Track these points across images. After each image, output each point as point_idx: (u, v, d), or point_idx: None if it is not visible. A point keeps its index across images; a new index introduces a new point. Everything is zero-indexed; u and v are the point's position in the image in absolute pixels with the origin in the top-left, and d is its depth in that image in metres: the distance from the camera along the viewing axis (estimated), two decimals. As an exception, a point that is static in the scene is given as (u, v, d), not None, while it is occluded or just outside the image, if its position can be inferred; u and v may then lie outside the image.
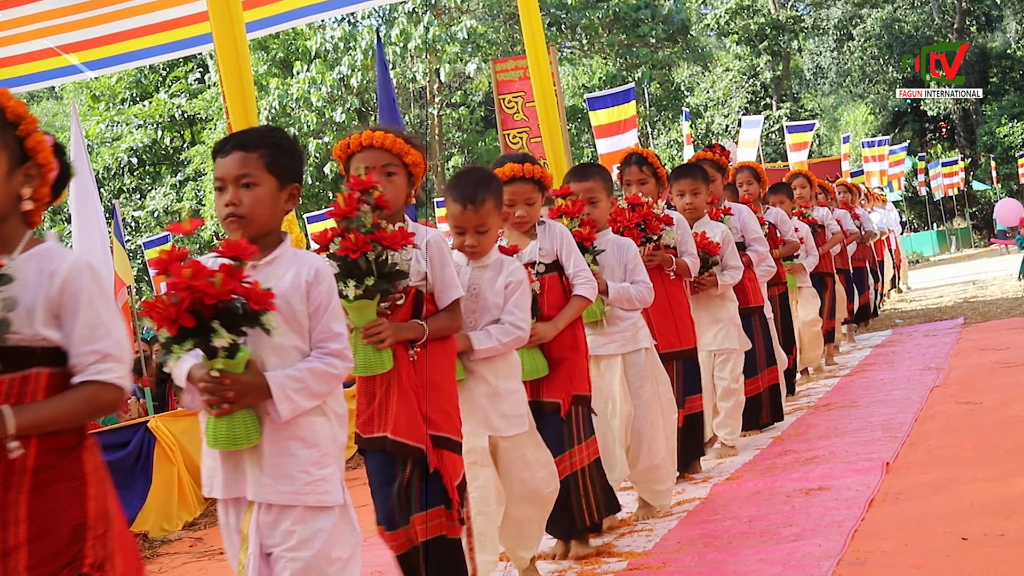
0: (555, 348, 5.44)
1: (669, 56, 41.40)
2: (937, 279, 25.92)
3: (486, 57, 31.99)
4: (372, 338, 4.22)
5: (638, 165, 7.16)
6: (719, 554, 5.17)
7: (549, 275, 5.53)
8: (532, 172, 5.42)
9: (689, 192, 7.84)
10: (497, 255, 5.03)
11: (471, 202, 4.85)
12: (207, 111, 37.48)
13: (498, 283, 4.93)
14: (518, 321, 4.89)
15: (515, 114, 15.14)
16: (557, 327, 5.42)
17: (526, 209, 5.49)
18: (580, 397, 5.49)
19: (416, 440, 4.34)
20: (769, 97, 53.42)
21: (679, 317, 6.99)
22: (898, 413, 8.15)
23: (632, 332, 6.18)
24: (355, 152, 4.55)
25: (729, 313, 7.85)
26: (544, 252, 5.54)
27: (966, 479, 5.76)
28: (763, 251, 8.75)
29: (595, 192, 6.21)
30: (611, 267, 6.16)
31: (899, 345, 13.07)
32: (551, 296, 5.49)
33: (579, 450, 5.45)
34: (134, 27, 9.71)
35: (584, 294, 5.52)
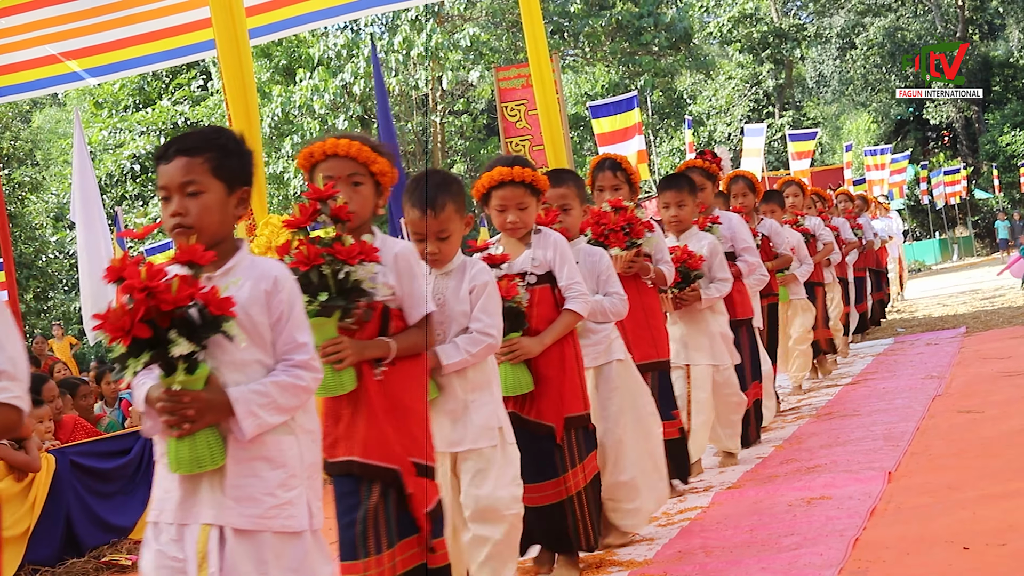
0: (542, 364, 5.22)
1: (672, 64, 41.38)
2: (939, 288, 25.91)
3: (489, 65, 31.98)
4: (330, 357, 4.00)
5: (612, 170, 6.88)
6: (720, 563, 5.16)
7: (541, 287, 5.31)
8: (523, 175, 5.23)
9: (675, 204, 7.66)
10: (460, 259, 4.77)
11: (430, 207, 4.63)
12: (210, 118, 37.48)
13: (462, 290, 4.68)
14: (486, 328, 4.63)
15: (518, 122, 15.13)
16: (544, 342, 5.20)
17: (518, 214, 5.29)
18: (575, 419, 5.27)
19: (388, 461, 4.12)
20: (772, 105, 53.42)
21: (655, 327, 6.76)
22: (900, 422, 8.14)
23: (605, 344, 5.96)
24: (319, 161, 4.33)
25: (720, 326, 7.67)
26: (537, 262, 5.33)
27: (968, 488, 5.75)
28: (754, 261, 8.54)
29: (568, 199, 5.98)
30: (584, 278, 5.71)
31: (901, 354, 13.06)
32: (541, 309, 5.26)
33: (575, 473, 5.24)
34: (137, 34, 9.73)
35: (576, 309, 5.32)
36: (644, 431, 5.99)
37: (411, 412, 4.24)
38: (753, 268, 8.52)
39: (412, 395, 4.28)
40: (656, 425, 6.13)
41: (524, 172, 5.24)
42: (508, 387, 5.09)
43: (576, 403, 5.28)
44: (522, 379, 5.18)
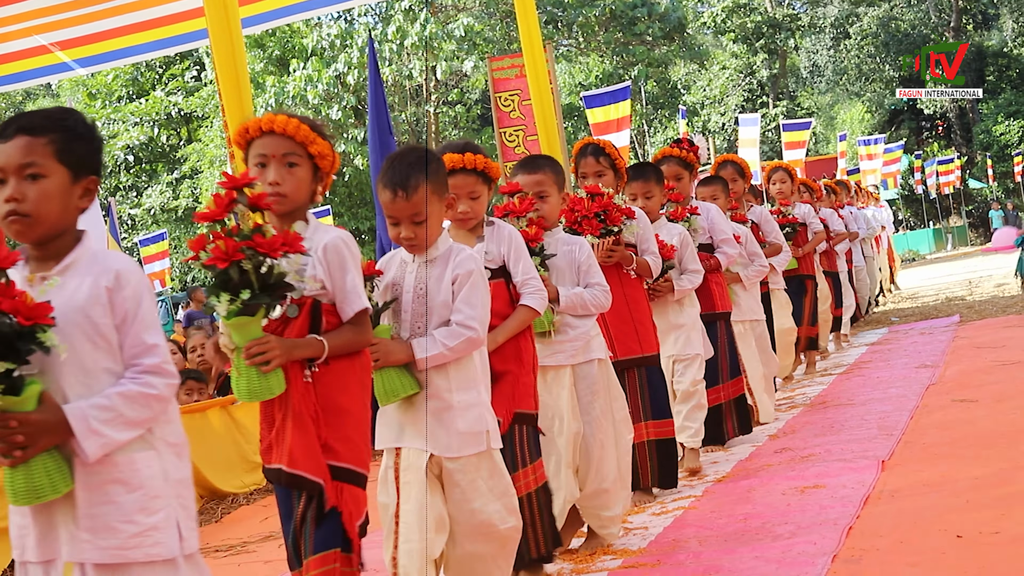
0: (496, 360, 4.80)
1: (666, 54, 41.36)
2: (933, 277, 25.93)
3: (483, 55, 31.99)
4: (256, 359, 3.72)
5: (595, 156, 6.63)
6: (714, 552, 5.17)
7: (494, 281, 4.87)
8: (474, 163, 4.86)
9: (641, 195, 7.26)
10: (448, 245, 4.44)
11: (402, 188, 4.26)
12: (203, 109, 37.48)
13: (445, 278, 4.36)
14: (467, 320, 4.29)
15: (511, 112, 15.13)
16: (496, 340, 4.81)
17: (469, 204, 4.91)
18: (524, 415, 4.90)
19: (313, 472, 3.85)
20: (766, 95, 53.48)
21: (639, 321, 6.43)
22: (894, 411, 8.15)
23: (584, 341, 5.57)
24: (254, 138, 4.11)
25: (690, 318, 7.34)
26: (490, 256, 4.95)
27: (961, 477, 5.76)
28: (733, 253, 8.18)
29: (545, 186, 5.64)
30: (562, 270, 5.59)
31: (895, 343, 13.08)
32: (495, 305, 4.78)
33: (525, 474, 4.86)
34: (130, 23, 9.69)
35: (532, 304, 4.94)
36: (616, 438, 5.69)
37: (348, 415, 3.96)
38: (732, 259, 8.20)
39: (349, 397, 3.98)
40: (627, 432, 5.82)
41: (475, 159, 4.89)
42: None
43: (527, 400, 4.94)
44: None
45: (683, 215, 7.77)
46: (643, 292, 6.60)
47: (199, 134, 37.99)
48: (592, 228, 6.22)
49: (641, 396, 6.44)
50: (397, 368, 4.25)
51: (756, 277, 8.79)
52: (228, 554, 7.20)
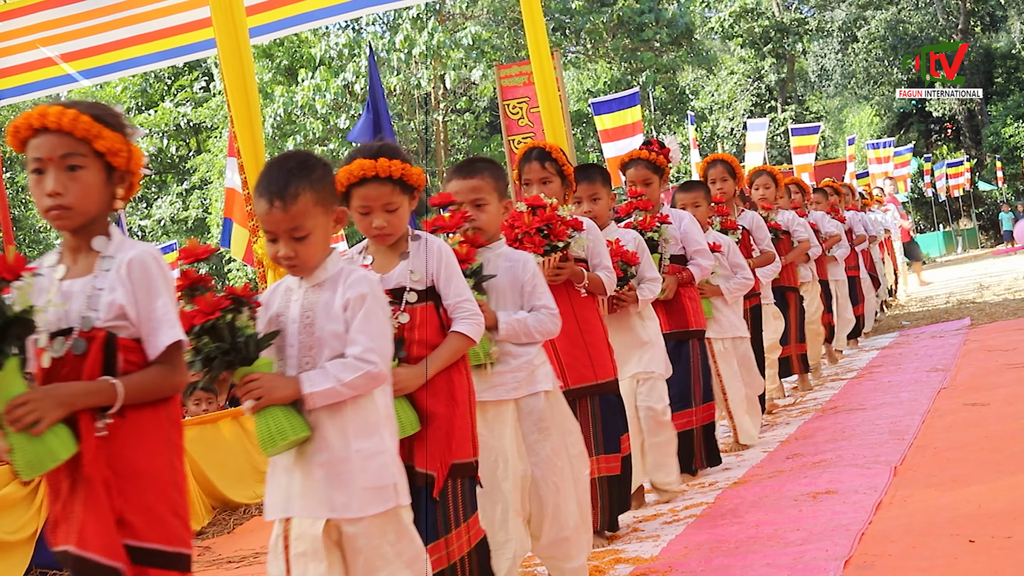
0: (427, 399, 4.22)
1: (674, 60, 41.41)
2: (943, 280, 25.89)
3: (491, 63, 32.02)
4: (18, 424, 3.13)
5: (540, 161, 5.98)
6: (726, 559, 5.16)
7: (422, 306, 4.29)
8: (388, 169, 4.17)
9: (587, 198, 6.60)
10: (337, 266, 3.77)
11: (279, 197, 3.61)
12: (212, 119, 37.55)
13: (335, 304, 3.67)
14: (365, 352, 3.59)
15: (520, 119, 15.15)
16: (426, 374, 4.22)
17: (385, 218, 4.24)
18: (461, 466, 4.28)
19: (109, 555, 3.23)
20: (774, 100, 53.45)
21: (592, 344, 5.80)
22: (905, 415, 8.13)
23: (528, 372, 4.90)
24: (27, 137, 3.42)
25: (651, 334, 6.69)
26: (416, 276, 4.30)
27: (973, 481, 5.74)
28: (706, 265, 7.50)
29: (482, 193, 4.98)
30: (503, 291, 4.92)
31: (906, 347, 13.05)
32: (424, 332, 4.26)
33: (458, 535, 4.24)
34: (136, 34, 9.74)
35: (465, 332, 4.31)
36: (575, 476, 5.11)
37: (149, 479, 3.38)
38: (706, 272, 7.54)
39: (150, 456, 3.40)
40: (584, 467, 5.22)
41: (390, 165, 4.19)
42: None
43: (465, 447, 4.31)
44: (404, 418, 4.14)
45: (652, 224, 7.15)
46: (596, 312, 5.96)
47: (208, 145, 38.09)
48: (535, 246, 5.51)
49: (593, 427, 5.79)
50: (282, 408, 3.55)
51: (739, 290, 8.17)
52: (240, 565, 7.20)
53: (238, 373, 3.56)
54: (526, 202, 5.63)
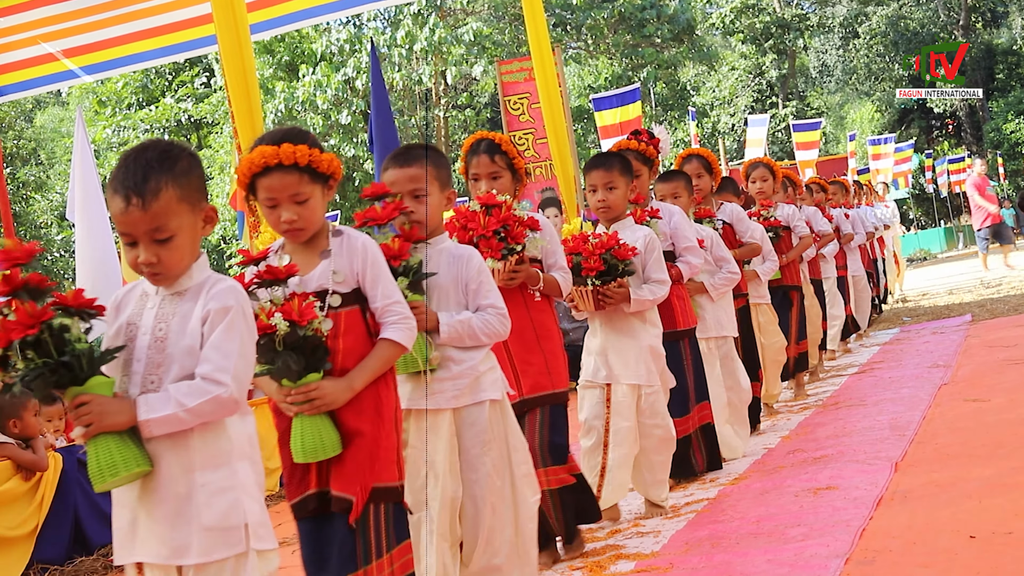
0: (350, 416, 3.79)
1: (675, 56, 41.39)
2: (944, 276, 25.89)
3: (492, 59, 32.03)
4: None
5: (488, 154, 5.52)
6: (727, 555, 5.15)
7: (347, 310, 3.87)
8: (293, 156, 3.77)
9: (603, 186, 6.29)
10: (204, 274, 3.33)
11: (137, 193, 3.15)
12: (213, 115, 37.56)
13: (194, 316, 3.22)
14: (216, 372, 3.14)
15: (521, 115, 15.16)
16: (353, 387, 3.77)
17: (295, 211, 3.83)
18: (384, 491, 3.84)
19: None
20: (775, 96, 53.47)
21: (549, 351, 5.40)
22: (906, 411, 8.12)
23: (471, 378, 4.50)
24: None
25: (651, 340, 6.24)
26: (340, 276, 3.88)
27: (974, 477, 5.74)
28: (696, 263, 7.08)
29: (422, 183, 4.57)
30: (446, 290, 4.56)
31: (907, 343, 13.04)
32: (349, 340, 3.84)
33: (379, 567, 3.81)
34: (137, 30, 9.75)
35: (395, 338, 3.88)
36: (516, 499, 4.63)
37: None
38: (697, 270, 7.13)
39: None
40: (531, 491, 4.71)
41: (296, 151, 3.79)
42: (306, 451, 3.73)
43: (390, 469, 3.87)
44: (326, 438, 3.74)
45: (643, 218, 6.68)
46: (553, 316, 5.55)
47: (209, 140, 38.09)
48: (492, 250, 5.13)
49: (540, 438, 5.35)
50: (116, 436, 3.09)
51: (724, 286, 7.69)
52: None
53: (68, 393, 3.11)
54: (480, 201, 5.25)
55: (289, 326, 3.63)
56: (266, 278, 3.71)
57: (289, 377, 3.72)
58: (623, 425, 6.11)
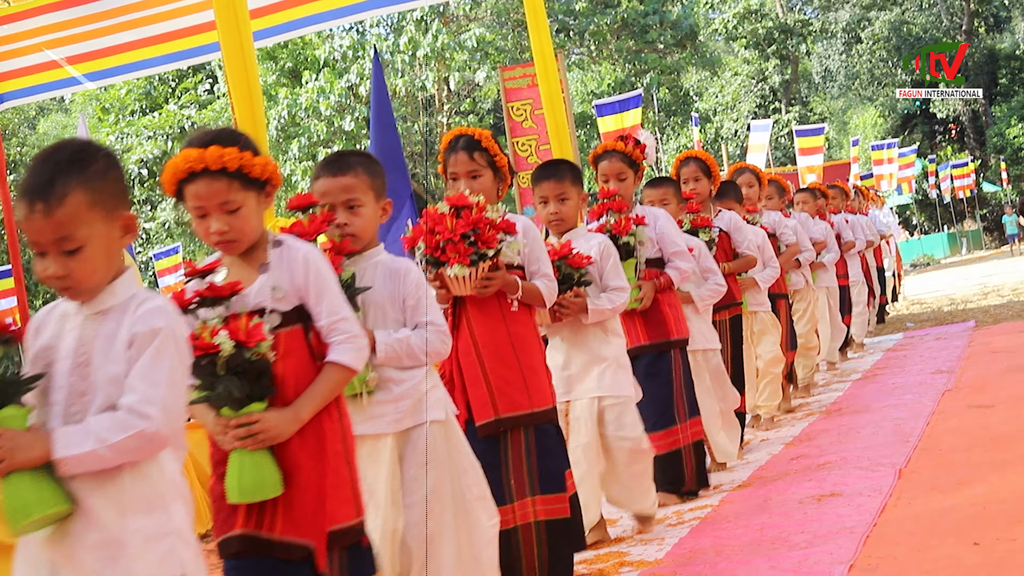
0: (295, 451, 3.42)
1: (678, 61, 41.43)
2: (948, 282, 25.89)
3: (494, 65, 32.04)
4: None
5: (467, 151, 5.15)
6: (730, 562, 5.15)
7: (288, 330, 3.51)
8: (222, 160, 3.42)
9: (554, 198, 5.97)
10: (129, 291, 2.97)
11: (41, 198, 2.83)
12: (216, 122, 37.59)
13: (119, 338, 2.87)
14: (140, 405, 2.78)
15: (524, 121, 15.14)
16: (300, 418, 3.41)
17: (225, 220, 3.48)
18: (342, 533, 3.50)
19: None
20: (778, 101, 53.47)
21: (528, 367, 4.97)
22: (910, 418, 8.12)
23: (413, 400, 4.17)
24: None
25: (614, 350, 5.88)
26: (280, 292, 3.52)
27: (978, 483, 5.73)
28: (686, 268, 6.81)
29: (356, 192, 4.22)
30: (382, 306, 4.20)
31: (910, 349, 13.04)
32: (291, 364, 3.47)
33: None
34: (140, 38, 9.75)
35: (344, 361, 3.52)
36: (468, 524, 4.27)
37: None
38: (686, 276, 6.87)
39: None
40: (486, 515, 4.36)
41: (224, 154, 3.43)
42: (244, 490, 3.35)
43: (345, 508, 3.52)
44: (266, 477, 3.36)
45: (628, 228, 6.47)
46: (533, 329, 5.15)
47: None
48: (460, 255, 4.70)
49: (528, 464, 4.98)
50: (31, 474, 2.74)
51: (711, 298, 7.44)
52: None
53: None
54: (448, 201, 4.80)
55: (235, 347, 3.29)
56: (207, 296, 3.36)
57: (230, 405, 3.33)
58: (580, 443, 5.77)
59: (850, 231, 13.68)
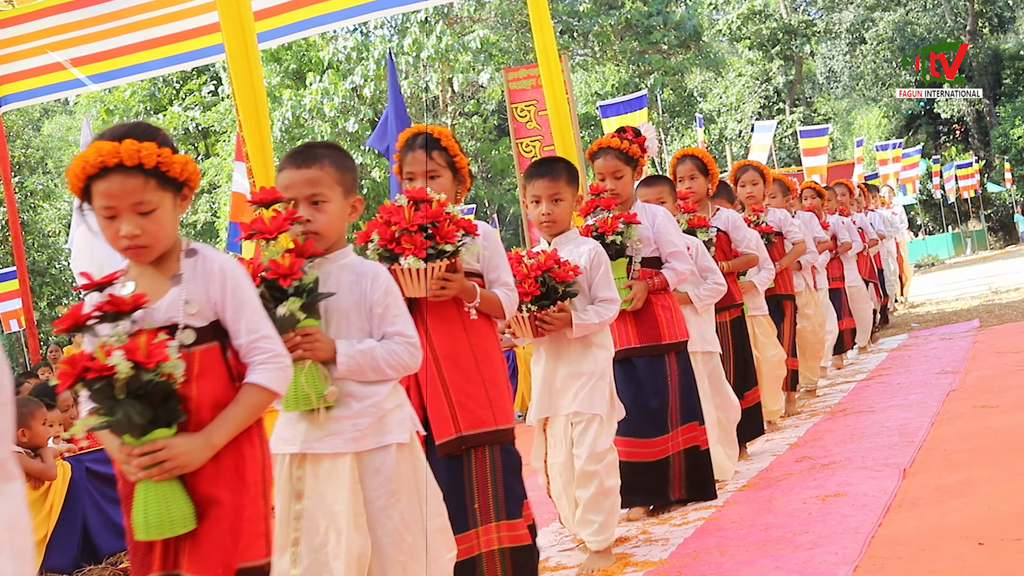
0: (204, 481, 3.17)
1: (682, 62, 41.39)
2: (952, 282, 25.86)
3: (499, 66, 32.04)
4: None
5: (425, 150, 4.84)
6: (735, 563, 5.15)
7: (203, 348, 3.24)
8: (137, 156, 3.13)
9: (547, 198, 5.64)
10: None
11: None
12: (221, 123, 37.62)
13: None
14: None
15: (528, 123, 15.13)
16: (213, 444, 3.15)
17: (137, 223, 3.19)
18: (250, 572, 3.21)
19: None
20: (782, 102, 53.46)
21: (491, 380, 4.69)
22: (915, 417, 8.11)
23: (375, 417, 3.79)
24: None
25: (596, 365, 5.56)
26: (193, 307, 3.24)
27: (983, 483, 5.72)
28: (683, 269, 6.49)
29: (321, 187, 3.92)
30: (346, 313, 3.86)
31: (915, 349, 13.02)
32: (206, 386, 3.20)
33: None
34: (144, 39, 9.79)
35: (264, 382, 3.25)
36: (432, 556, 3.96)
37: None
38: (684, 277, 6.55)
39: None
40: (445, 548, 4.04)
41: (142, 149, 3.15)
42: (150, 525, 3.09)
43: (257, 545, 3.24)
44: (175, 511, 3.11)
45: (614, 226, 6.24)
46: (495, 341, 4.84)
47: (217, 149, 38.12)
48: (415, 247, 4.38)
49: (493, 486, 4.71)
50: None
51: (710, 298, 7.13)
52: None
53: None
54: (407, 194, 4.50)
55: (132, 368, 3.01)
56: (108, 310, 3.10)
57: (131, 432, 3.07)
58: (557, 460, 5.59)
59: (846, 232, 13.30)
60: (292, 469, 3.80)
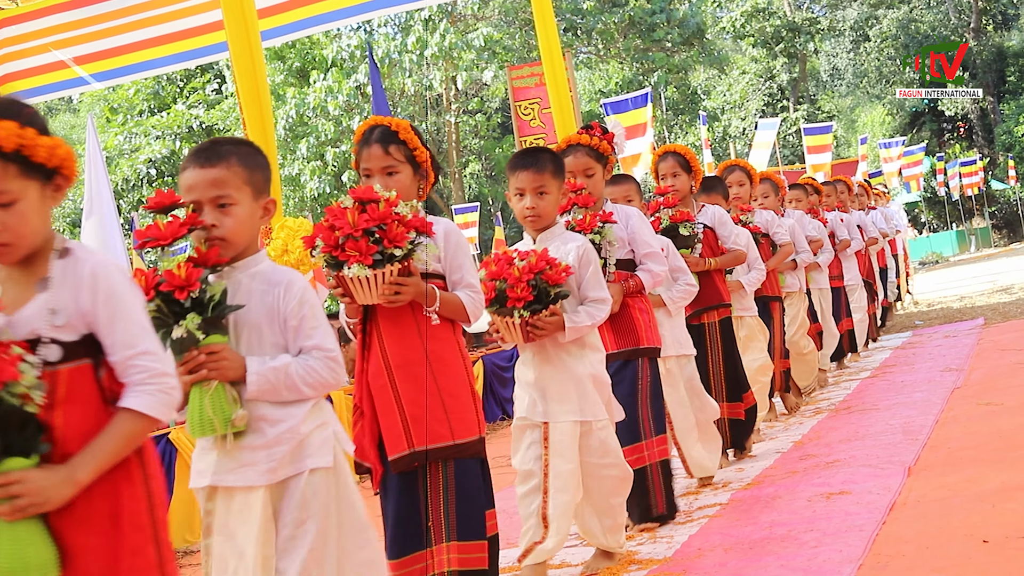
0: (71, 524, 2.73)
1: (685, 60, 41.35)
2: (956, 279, 25.85)
3: (502, 64, 32.03)
4: None
5: (382, 144, 4.47)
6: (739, 560, 5.14)
7: (71, 366, 2.79)
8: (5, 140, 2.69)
9: (532, 191, 5.34)
10: None
11: None
12: (225, 122, 37.63)
13: None
14: None
15: (531, 120, 15.14)
16: (77, 479, 2.69)
17: None
18: None
19: None
20: (786, 99, 53.42)
21: (449, 391, 4.37)
22: (919, 415, 8.10)
23: (292, 443, 3.43)
24: None
25: (593, 368, 5.32)
26: (60, 318, 2.78)
27: (987, 481, 5.72)
28: (659, 271, 6.20)
29: (227, 188, 3.54)
30: (256, 327, 3.50)
31: (919, 347, 13.02)
32: (74, 411, 2.76)
33: None
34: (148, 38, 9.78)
35: (141, 407, 2.80)
36: None
37: None
38: (659, 279, 6.26)
39: None
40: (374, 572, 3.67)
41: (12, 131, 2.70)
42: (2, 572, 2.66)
43: None
44: (30, 556, 2.64)
45: (593, 224, 6.00)
46: (456, 347, 4.49)
47: (220, 147, 38.14)
48: (361, 253, 4.05)
49: (445, 505, 4.40)
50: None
51: (682, 300, 6.90)
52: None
53: None
54: (352, 194, 4.14)
55: None
56: None
57: None
58: (564, 468, 5.16)
59: (845, 229, 12.94)
60: (204, 503, 3.49)
